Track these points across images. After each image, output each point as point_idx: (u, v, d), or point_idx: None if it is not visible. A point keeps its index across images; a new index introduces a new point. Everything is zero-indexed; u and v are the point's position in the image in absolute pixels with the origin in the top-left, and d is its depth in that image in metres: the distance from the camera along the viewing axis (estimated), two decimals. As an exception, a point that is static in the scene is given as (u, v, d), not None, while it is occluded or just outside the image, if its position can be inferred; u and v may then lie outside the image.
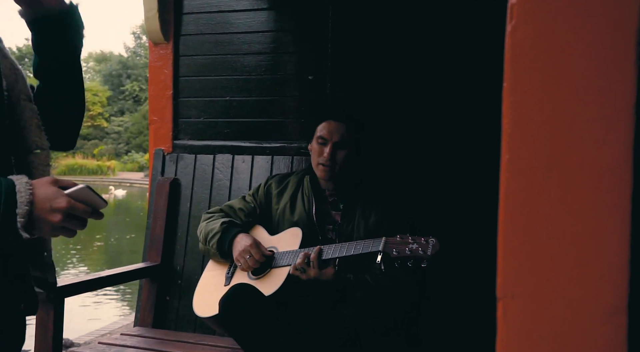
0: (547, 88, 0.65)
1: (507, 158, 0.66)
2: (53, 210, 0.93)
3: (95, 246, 11.49)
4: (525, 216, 0.64)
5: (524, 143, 0.66)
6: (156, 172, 2.53)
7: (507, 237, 0.65)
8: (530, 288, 0.65)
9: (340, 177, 1.95)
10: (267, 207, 2.07)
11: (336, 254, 1.75)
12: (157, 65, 2.56)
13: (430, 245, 1.62)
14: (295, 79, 2.42)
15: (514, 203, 0.65)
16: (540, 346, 0.64)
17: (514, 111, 0.66)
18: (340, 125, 1.93)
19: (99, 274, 2.11)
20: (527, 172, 0.65)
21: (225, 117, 2.51)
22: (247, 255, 1.86)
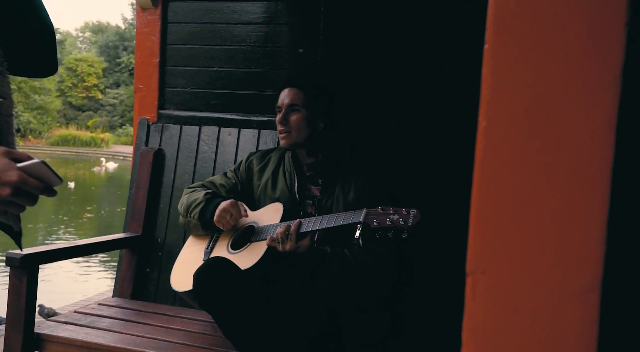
0: (532, 52, 0.61)
1: (484, 125, 0.62)
2: (2, 183, 0.88)
3: (86, 217, 11.46)
4: (500, 187, 0.60)
5: (503, 110, 0.61)
6: (140, 142, 2.47)
7: (479, 208, 0.62)
8: (502, 263, 0.61)
9: (306, 145, 1.91)
10: (248, 183, 2.04)
11: (316, 226, 1.73)
12: (145, 32, 2.49)
13: (411, 215, 1.60)
14: (286, 51, 2.36)
15: (489, 173, 0.61)
16: (511, 324, 0.61)
17: (494, 75, 0.62)
18: (291, 90, 1.92)
19: (76, 242, 2.07)
20: (504, 141, 0.60)
21: (213, 88, 2.45)
22: (228, 215, 1.83)
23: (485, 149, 0.62)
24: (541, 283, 0.59)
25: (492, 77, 0.62)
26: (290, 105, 1.90)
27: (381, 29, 2.24)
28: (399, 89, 2.22)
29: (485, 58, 0.62)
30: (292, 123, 1.89)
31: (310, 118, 1.90)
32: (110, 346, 1.79)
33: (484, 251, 0.62)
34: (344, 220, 1.68)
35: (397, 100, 2.22)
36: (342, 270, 1.72)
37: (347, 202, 1.84)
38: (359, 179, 1.87)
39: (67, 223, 10.56)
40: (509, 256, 0.61)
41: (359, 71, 2.27)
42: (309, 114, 1.89)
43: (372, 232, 1.63)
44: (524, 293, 0.60)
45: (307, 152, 1.94)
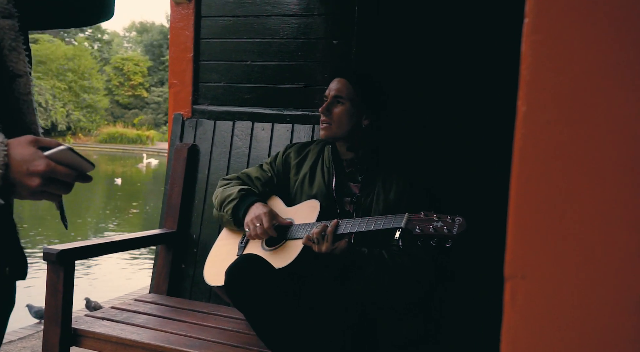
0: (579, 25, 0.53)
1: (523, 110, 0.55)
2: (30, 173, 0.85)
3: (131, 212, 11.73)
4: (542, 180, 0.53)
5: (546, 92, 0.54)
6: (175, 138, 2.47)
7: (518, 204, 0.54)
8: (545, 267, 0.54)
9: (347, 140, 1.84)
10: (284, 177, 1.98)
11: (355, 228, 1.65)
12: (178, 27, 2.47)
13: (456, 224, 1.51)
14: (320, 43, 2.30)
15: (529, 164, 0.54)
16: (555, 336, 0.54)
17: (534, 54, 0.54)
18: (340, 80, 1.84)
19: (112, 238, 2.08)
20: (546, 128, 0.53)
21: (246, 83, 2.42)
22: (257, 222, 1.78)
23: (524, 138, 0.54)
24: (590, 289, 0.52)
25: (532, 55, 0.54)
26: (335, 97, 1.83)
27: (417, 19, 2.15)
28: (436, 81, 2.13)
29: (525, 33, 0.55)
30: (334, 115, 1.82)
31: (354, 113, 1.82)
32: (144, 343, 1.79)
33: (524, 252, 0.55)
34: (384, 224, 1.60)
35: (434, 93, 2.13)
36: (378, 273, 1.65)
37: (388, 202, 1.77)
38: (401, 178, 1.79)
39: (114, 218, 10.85)
40: (553, 258, 0.53)
41: (395, 63, 2.19)
42: (353, 109, 1.82)
43: (414, 238, 1.55)
44: (570, 301, 0.52)
45: (347, 146, 1.86)
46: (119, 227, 9.94)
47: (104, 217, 10.94)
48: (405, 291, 1.74)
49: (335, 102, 1.83)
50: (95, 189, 15.60)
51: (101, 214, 11.34)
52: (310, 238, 1.65)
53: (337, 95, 1.83)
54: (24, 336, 3.68)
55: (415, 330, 1.71)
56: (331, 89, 1.85)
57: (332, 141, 1.88)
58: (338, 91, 1.83)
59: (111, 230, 9.53)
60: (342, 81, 1.84)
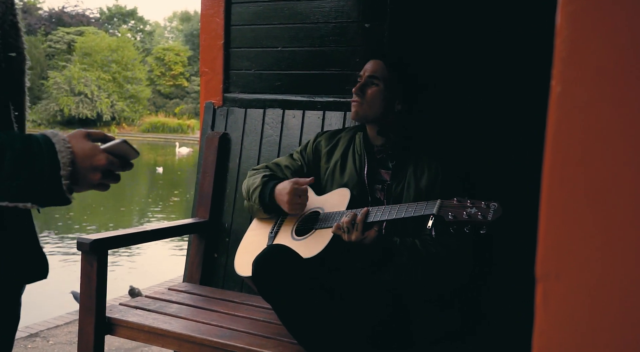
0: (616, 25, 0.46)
1: (558, 91, 0.48)
2: (94, 168, 0.88)
3: (172, 200, 11.96)
4: (578, 169, 0.47)
5: (584, 70, 0.47)
6: (206, 126, 2.46)
7: (551, 197, 0.48)
8: (580, 266, 0.47)
9: (378, 123, 1.79)
10: (315, 165, 1.94)
11: (385, 216, 1.60)
12: (209, 14, 2.45)
13: (491, 209, 1.44)
14: (351, 27, 2.23)
15: (563, 151, 0.47)
16: (591, 342, 0.48)
17: (571, 26, 0.48)
18: (376, 62, 1.81)
19: (144, 228, 2.09)
20: (584, 110, 0.47)
21: (277, 69, 2.38)
22: (297, 199, 1.75)
23: (559, 122, 0.48)
24: (630, 291, 0.46)
25: (568, 27, 0.48)
26: (370, 77, 1.79)
27: (452, 2, 2.05)
28: (470, 64, 2.03)
29: (561, 3, 0.48)
30: (368, 95, 1.78)
31: (388, 95, 1.78)
32: (175, 332, 1.79)
33: (557, 250, 0.49)
34: (415, 211, 1.55)
35: (468, 77, 2.04)
36: (411, 263, 1.59)
37: (419, 189, 1.71)
38: (433, 164, 1.73)
39: (156, 206, 11.09)
40: (590, 256, 0.47)
41: (428, 46, 2.10)
42: (387, 91, 1.78)
43: (447, 225, 1.49)
44: (608, 303, 0.46)
45: (377, 131, 1.82)
46: (162, 214, 10.16)
47: (147, 205, 11.20)
48: (439, 282, 1.68)
49: (369, 82, 1.79)
50: (138, 178, 15.98)
51: (144, 202, 11.60)
52: (340, 227, 1.61)
53: (372, 75, 1.79)
54: (69, 321, 3.79)
55: (452, 323, 1.65)
56: (366, 69, 1.82)
57: (362, 122, 1.84)
58: (373, 71, 1.79)
59: (153, 218, 9.74)
60: (377, 62, 1.81)
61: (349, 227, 1.59)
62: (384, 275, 1.62)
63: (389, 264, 1.61)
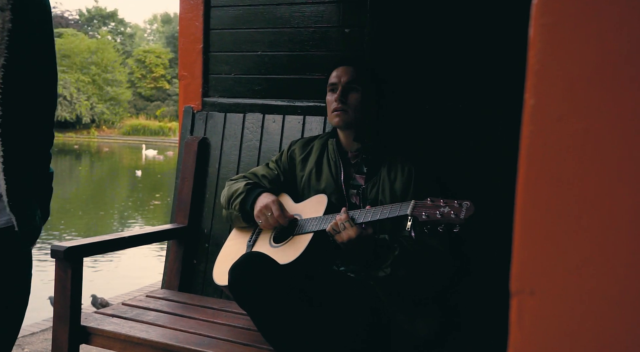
0: (594, 9, 0.46)
1: (531, 104, 0.48)
2: None
3: (153, 204, 11.83)
4: (552, 182, 0.46)
5: (557, 83, 0.47)
6: (185, 131, 2.43)
7: (526, 210, 0.48)
8: (556, 281, 0.47)
9: (357, 128, 1.80)
10: (291, 173, 1.94)
11: (361, 218, 1.61)
12: (188, 17, 2.43)
13: (464, 208, 1.46)
14: (331, 32, 2.23)
15: (537, 164, 0.47)
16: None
17: (544, 39, 0.47)
18: (349, 68, 1.81)
19: (121, 234, 2.05)
20: (557, 122, 0.46)
21: (257, 74, 2.36)
22: (268, 212, 1.76)
23: (532, 135, 0.48)
24: (609, 306, 0.45)
25: (541, 41, 0.47)
26: (348, 83, 1.79)
27: (431, 6, 2.06)
28: (450, 69, 2.04)
29: (534, 16, 0.48)
30: (351, 101, 1.78)
31: (367, 98, 1.80)
32: (152, 341, 1.76)
33: (532, 264, 0.48)
34: (390, 213, 1.56)
35: (447, 82, 2.05)
36: (402, 257, 1.59)
37: (394, 191, 1.72)
38: (405, 165, 1.74)
39: (136, 210, 10.95)
40: (566, 271, 0.47)
41: (408, 51, 2.11)
42: (366, 95, 1.79)
43: (421, 225, 1.50)
44: (584, 319, 0.46)
45: (355, 136, 1.82)
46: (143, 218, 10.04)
47: (127, 209, 11.06)
48: (424, 282, 1.68)
49: (349, 88, 1.79)
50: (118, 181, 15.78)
51: (124, 206, 11.46)
52: (335, 227, 1.60)
53: (350, 80, 1.79)
54: (45, 328, 3.71)
55: (430, 331, 1.65)
56: (340, 76, 1.81)
57: (344, 129, 1.83)
58: (350, 77, 1.79)
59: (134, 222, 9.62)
60: (350, 68, 1.81)
61: (344, 224, 1.58)
62: (380, 272, 1.60)
63: (384, 259, 1.60)
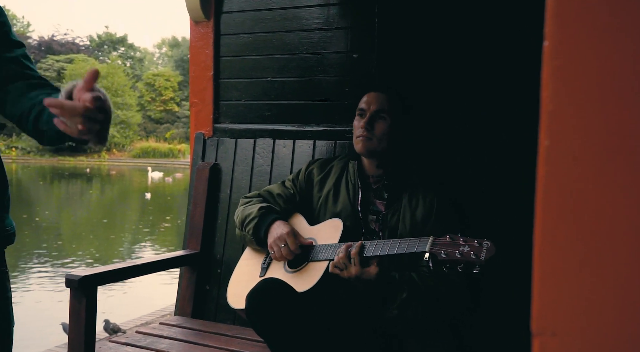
0: (606, 50, 0.46)
1: (546, 145, 0.48)
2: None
3: (163, 227, 11.86)
4: (569, 222, 0.46)
5: (570, 124, 0.47)
6: (197, 157, 2.45)
7: (545, 250, 0.48)
8: (579, 322, 0.47)
9: (381, 156, 1.78)
10: (307, 194, 1.92)
11: (378, 251, 1.58)
12: (198, 45, 2.46)
13: (484, 248, 1.42)
14: (340, 57, 2.25)
15: (554, 204, 0.47)
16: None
17: (557, 81, 0.48)
18: (380, 95, 1.78)
19: (134, 262, 2.06)
20: (573, 163, 0.46)
21: (267, 99, 2.38)
22: (282, 243, 1.73)
23: (548, 175, 0.48)
24: (633, 348, 0.45)
25: (554, 82, 0.48)
26: (377, 111, 1.76)
27: (438, 31, 2.08)
28: (459, 94, 2.05)
29: (545, 58, 0.48)
30: (377, 130, 1.75)
31: (395, 129, 1.76)
32: (166, 370, 1.75)
33: (553, 305, 0.48)
34: (408, 247, 1.53)
35: (457, 107, 2.05)
36: (411, 298, 1.57)
37: (415, 220, 1.70)
38: (427, 194, 1.72)
39: (147, 233, 10.98)
40: (588, 312, 0.46)
41: (416, 76, 2.12)
42: (394, 124, 1.76)
43: (440, 263, 1.47)
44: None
45: (378, 163, 1.80)
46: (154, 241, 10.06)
47: (137, 232, 11.09)
48: (438, 316, 1.66)
49: (377, 116, 1.76)
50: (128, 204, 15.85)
51: (134, 230, 11.49)
52: (337, 265, 1.59)
53: (379, 109, 1.76)
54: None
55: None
56: (370, 102, 1.78)
57: (367, 155, 1.81)
58: (380, 105, 1.76)
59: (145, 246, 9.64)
60: (382, 96, 1.78)
61: (345, 263, 1.57)
62: (387, 312, 1.59)
63: (392, 300, 1.58)
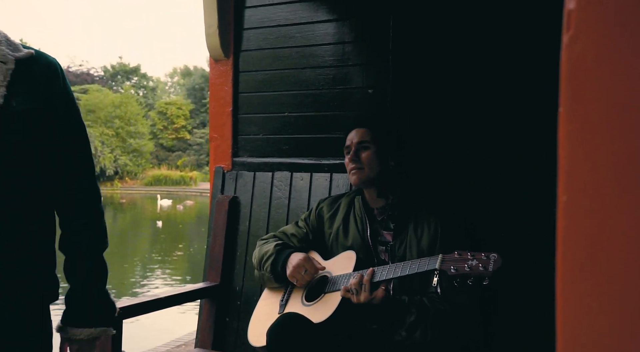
0: (617, 115, 0.51)
1: (564, 200, 0.53)
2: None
3: (176, 255, 11.90)
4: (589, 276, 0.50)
5: (586, 181, 0.52)
6: (216, 190, 2.51)
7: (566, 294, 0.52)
8: None
9: (377, 185, 1.86)
10: (319, 231, 2.01)
11: (390, 275, 1.65)
12: (218, 82, 2.55)
13: (491, 260, 1.49)
14: (355, 92, 2.32)
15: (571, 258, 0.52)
16: None
17: (572, 143, 0.53)
18: (359, 130, 1.90)
19: (157, 295, 2.11)
20: (589, 216, 0.51)
21: (284, 134, 2.45)
22: (302, 270, 1.81)
23: (566, 230, 0.53)
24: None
25: (569, 144, 0.53)
26: (359, 143, 1.87)
27: (451, 66, 2.15)
28: (472, 126, 2.10)
29: (561, 123, 0.53)
30: (364, 159, 1.85)
31: (381, 154, 1.86)
32: (190, 402, 1.78)
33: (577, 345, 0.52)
34: (419, 267, 1.60)
35: (470, 138, 2.11)
36: (420, 321, 1.62)
37: (421, 247, 1.76)
38: (432, 220, 1.78)
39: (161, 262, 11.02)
40: None
41: (430, 108, 2.18)
42: (379, 151, 1.86)
43: (450, 280, 1.53)
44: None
45: (377, 192, 1.88)
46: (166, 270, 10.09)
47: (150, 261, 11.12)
48: (448, 339, 1.69)
49: (360, 148, 1.87)
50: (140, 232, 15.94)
51: (147, 259, 11.53)
52: (348, 289, 1.65)
53: (360, 141, 1.88)
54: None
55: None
56: (351, 138, 1.90)
57: (364, 186, 1.90)
58: (361, 137, 1.88)
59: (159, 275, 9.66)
60: (361, 130, 1.90)
61: (357, 289, 1.62)
62: (396, 335, 1.63)
63: (400, 323, 1.63)
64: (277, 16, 2.47)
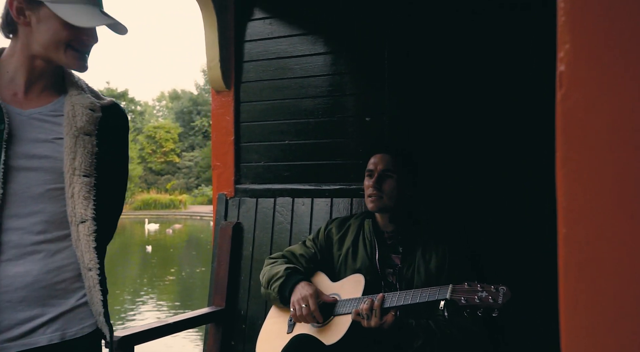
0: (603, 161, 0.61)
1: (564, 232, 0.62)
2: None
3: (168, 280, 11.82)
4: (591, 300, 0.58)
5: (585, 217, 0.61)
6: (219, 217, 2.59)
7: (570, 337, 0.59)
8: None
9: (392, 212, 1.93)
10: (328, 252, 2.05)
11: (400, 302, 1.70)
12: (220, 113, 2.64)
13: (500, 293, 1.55)
14: (353, 120, 2.43)
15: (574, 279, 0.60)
16: None
17: (569, 184, 0.62)
18: (385, 156, 1.95)
19: (166, 321, 2.16)
20: (587, 246, 0.60)
21: (285, 161, 2.55)
22: (304, 303, 1.84)
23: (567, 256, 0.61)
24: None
25: (567, 185, 0.62)
26: (384, 170, 1.92)
27: (447, 93, 2.26)
28: (470, 151, 2.21)
29: (558, 167, 0.63)
30: (385, 188, 1.91)
31: (401, 185, 1.92)
32: None
33: None
34: (430, 296, 1.65)
35: (468, 163, 2.21)
36: (427, 344, 1.69)
37: (429, 271, 1.82)
38: (439, 245, 1.85)
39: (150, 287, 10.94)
40: None
41: (426, 135, 2.29)
42: (399, 181, 1.92)
43: (460, 309, 1.60)
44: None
45: (390, 218, 1.94)
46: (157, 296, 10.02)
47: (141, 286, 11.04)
48: None
49: (384, 175, 1.92)
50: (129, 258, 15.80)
51: (138, 283, 11.45)
52: (359, 313, 1.71)
53: (385, 169, 1.92)
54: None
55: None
56: (376, 163, 1.95)
57: (379, 212, 1.95)
58: (385, 165, 1.93)
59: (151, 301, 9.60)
60: (387, 157, 1.94)
61: (367, 314, 1.69)
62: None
63: (408, 347, 1.70)
64: (276, 49, 2.58)
